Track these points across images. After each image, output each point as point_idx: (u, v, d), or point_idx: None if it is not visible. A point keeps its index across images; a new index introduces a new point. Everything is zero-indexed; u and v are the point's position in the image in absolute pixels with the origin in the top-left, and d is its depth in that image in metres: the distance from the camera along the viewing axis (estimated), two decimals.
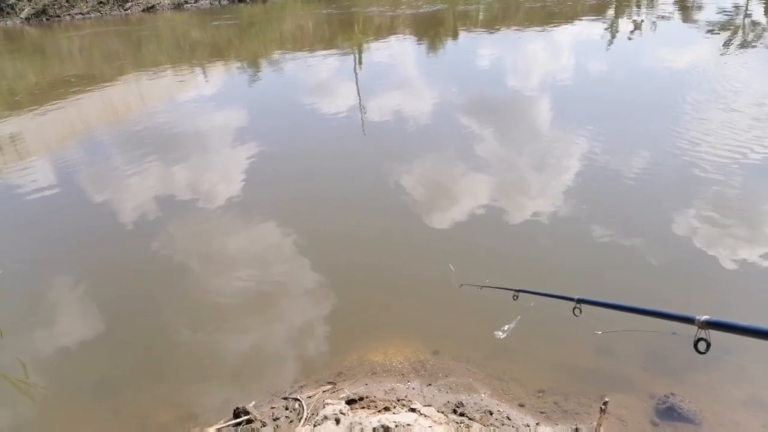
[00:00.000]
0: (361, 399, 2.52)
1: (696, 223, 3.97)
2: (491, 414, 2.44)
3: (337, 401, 2.47)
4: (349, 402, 2.49)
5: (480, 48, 11.37)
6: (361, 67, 10.58)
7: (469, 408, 2.47)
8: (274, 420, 2.48)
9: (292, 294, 3.64)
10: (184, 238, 4.56)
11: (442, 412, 2.41)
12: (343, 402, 2.47)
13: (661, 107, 6.47)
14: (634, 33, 11.34)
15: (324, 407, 2.42)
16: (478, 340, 2.98)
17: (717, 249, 3.66)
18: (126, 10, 20.49)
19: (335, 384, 2.75)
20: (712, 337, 1.12)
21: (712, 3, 13.38)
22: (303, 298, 3.58)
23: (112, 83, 10.67)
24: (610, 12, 14.11)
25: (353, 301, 3.53)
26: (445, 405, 2.51)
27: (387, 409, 2.40)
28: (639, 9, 14.15)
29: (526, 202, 4.54)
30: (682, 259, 3.66)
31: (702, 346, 1.14)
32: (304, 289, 3.67)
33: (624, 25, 12.24)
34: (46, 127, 8.13)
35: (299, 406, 2.54)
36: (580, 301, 1.66)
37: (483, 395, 2.62)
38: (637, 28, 11.86)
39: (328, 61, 11.04)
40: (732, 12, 12.47)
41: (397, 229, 4.35)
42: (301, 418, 2.45)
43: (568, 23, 12.86)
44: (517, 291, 2.21)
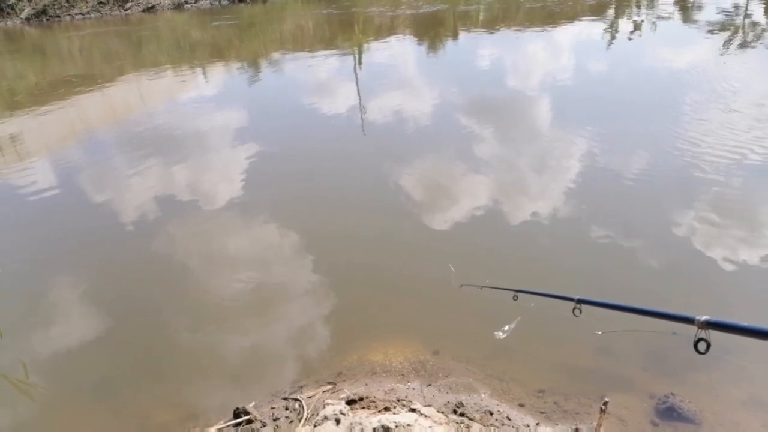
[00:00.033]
0: (361, 399, 2.52)
1: (696, 224, 3.97)
2: (491, 414, 2.44)
3: (337, 401, 2.47)
4: (349, 402, 2.49)
5: (480, 48, 11.37)
6: (361, 67, 10.58)
7: (469, 408, 2.47)
8: (274, 420, 2.48)
9: (292, 294, 3.64)
10: (184, 238, 4.56)
11: (442, 413, 2.41)
12: (344, 402, 2.47)
13: (661, 107, 6.47)
14: (634, 33, 11.34)
15: (324, 407, 2.42)
16: (478, 340, 2.98)
17: (717, 249, 3.66)
18: (126, 11, 20.50)
19: (335, 384, 2.75)
20: (712, 338, 1.12)
21: (712, 3, 13.38)
22: (303, 298, 3.58)
23: (112, 83, 10.67)
24: (610, 12, 14.11)
25: (353, 301, 3.53)
26: (445, 405, 2.51)
27: (387, 409, 2.40)
28: (639, 9, 14.15)
29: (526, 203, 4.54)
30: (681, 259, 3.66)
31: (702, 346, 1.14)
32: (304, 289, 3.67)
33: (624, 26, 12.24)
34: (46, 128, 8.14)
35: (299, 406, 2.55)
36: (580, 302, 1.66)
37: (483, 395, 2.62)
38: (637, 28, 11.86)
39: (328, 62, 11.04)
40: (732, 12, 12.47)
41: (397, 229, 4.35)
42: (301, 419, 2.45)
43: (568, 23, 12.86)
44: (517, 291, 2.21)
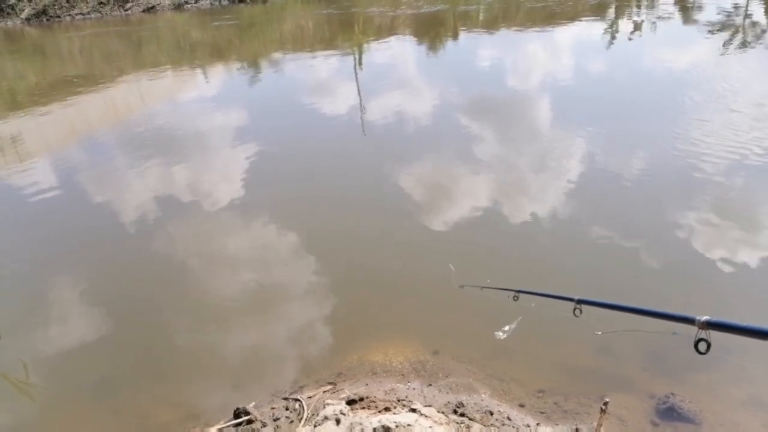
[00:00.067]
0: (361, 399, 2.52)
1: (696, 224, 3.97)
2: (491, 414, 2.44)
3: (337, 401, 2.47)
4: (350, 402, 2.49)
5: (480, 48, 11.37)
6: (361, 67, 10.58)
7: (469, 408, 2.47)
8: (275, 420, 2.48)
9: (292, 294, 3.64)
10: (184, 238, 4.56)
11: (443, 413, 2.41)
12: (344, 402, 2.47)
13: (661, 108, 6.47)
14: (634, 33, 11.34)
15: (324, 407, 2.42)
16: (478, 340, 2.98)
17: (717, 250, 3.65)
18: (126, 11, 20.50)
19: (335, 384, 2.75)
20: (713, 338, 1.12)
21: (713, 3, 13.38)
22: (303, 298, 3.58)
23: (112, 84, 10.67)
24: (611, 12, 14.11)
25: (353, 301, 3.53)
26: (445, 405, 2.51)
27: (387, 409, 2.40)
28: (639, 9, 14.16)
29: (526, 203, 4.54)
30: (682, 259, 3.66)
31: (702, 346, 1.14)
32: (304, 289, 3.67)
33: (624, 26, 12.25)
34: (46, 128, 8.14)
35: (300, 406, 2.55)
36: (581, 302, 1.66)
37: (483, 395, 2.62)
38: (637, 28, 11.86)
39: (328, 62, 11.04)
40: (732, 12, 12.47)
41: (398, 230, 4.35)
42: (301, 419, 2.45)
43: (568, 23, 12.87)
44: (518, 291, 2.21)
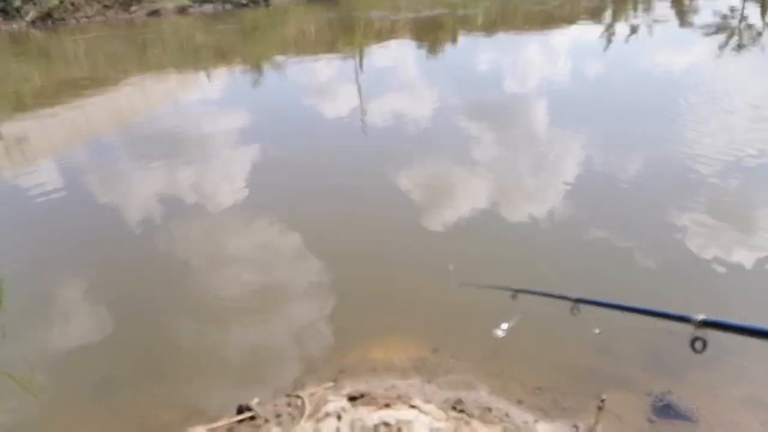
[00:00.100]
0: (362, 396, 2.54)
1: (693, 225, 4.00)
2: (490, 410, 2.46)
3: (338, 398, 2.49)
4: (351, 399, 2.51)
5: (479, 52, 11.44)
6: (362, 70, 10.64)
7: (468, 405, 2.49)
8: (277, 417, 2.50)
9: (293, 293, 3.67)
10: (185, 238, 4.59)
11: (442, 409, 2.44)
12: (345, 399, 2.49)
13: (658, 110, 6.51)
14: (631, 36, 11.41)
15: (326, 404, 2.44)
16: (477, 338, 3.00)
17: (714, 250, 3.68)
18: (131, 14, 20.58)
19: (337, 381, 2.77)
20: (711, 337, 1.12)
21: (709, 6, 13.46)
22: (304, 297, 3.61)
23: (116, 86, 10.72)
24: (608, 15, 14.19)
25: (354, 300, 3.55)
26: (444, 402, 2.53)
27: (388, 405, 2.42)
28: (636, 13, 14.24)
29: (524, 204, 4.58)
30: (679, 259, 3.69)
31: (699, 345, 1.13)
32: (304, 288, 3.69)
33: (621, 29, 12.32)
34: (51, 130, 8.18)
35: (301, 403, 2.56)
36: (579, 301, 1.66)
37: (482, 392, 2.65)
38: (634, 31, 11.93)
39: (330, 65, 11.10)
40: (728, 15, 12.55)
41: (397, 229, 4.38)
42: (303, 415, 2.47)
43: (566, 26, 12.94)
44: (516, 290, 2.22)
